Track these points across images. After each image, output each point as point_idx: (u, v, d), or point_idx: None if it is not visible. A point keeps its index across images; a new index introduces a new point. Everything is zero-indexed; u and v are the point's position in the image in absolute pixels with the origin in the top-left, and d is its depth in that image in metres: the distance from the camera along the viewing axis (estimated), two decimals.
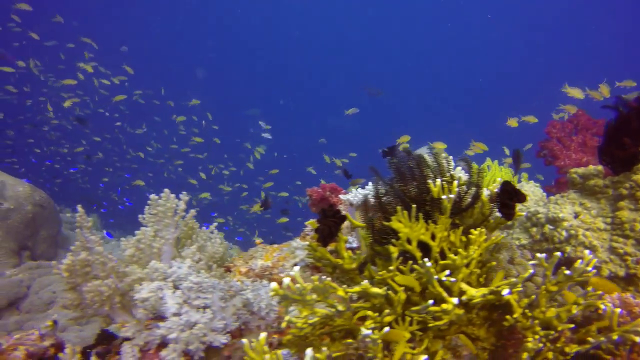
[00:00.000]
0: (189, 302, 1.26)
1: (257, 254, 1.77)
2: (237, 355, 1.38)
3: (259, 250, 1.80)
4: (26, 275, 3.81)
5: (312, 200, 2.33)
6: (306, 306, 1.26)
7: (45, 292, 3.59)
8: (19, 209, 4.16)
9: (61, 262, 1.54)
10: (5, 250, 3.89)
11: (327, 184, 2.28)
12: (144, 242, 1.57)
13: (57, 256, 4.71)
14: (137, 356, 1.23)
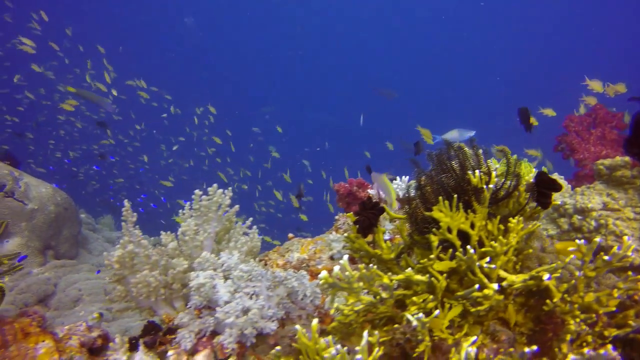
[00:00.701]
0: (239, 290, 1.32)
1: (292, 247, 1.83)
2: (284, 342, 1.44)
3: (295, 244, 1.85)
4: (52, 274, 3.90)
5: (339, 195, 2.38)
6: (352, 294, 1.32)
7: (72, 289, 3.67)
8: (43, 209, 4.25)
9: (111, 254, 1.60)
10: (32, 250, 3.98)
11: (354, 179, 2.33)
12: (189, 234, 1.62)
13: (79, 255, 4.80)
14: (193, 341, 1.28)
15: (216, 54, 24.33)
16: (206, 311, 1.36)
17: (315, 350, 1.20)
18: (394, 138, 6.78)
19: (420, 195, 1.35)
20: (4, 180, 4.01)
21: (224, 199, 1.68)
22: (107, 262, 1.58)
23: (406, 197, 1.38)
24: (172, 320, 1.65)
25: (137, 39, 21.33)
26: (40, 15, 6.15)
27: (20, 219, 4.01)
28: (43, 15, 6.13)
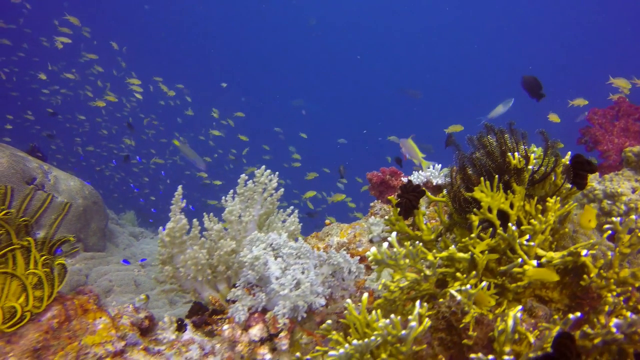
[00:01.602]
0: (289, 267, 1.40)
1: (332, 231, 1.91)
2: (331, 319, 1.51)
3: (334, 228, 1.93)
4: (83, 265, 4.02)
5: (372, 184, 2.46)
6: (398, 270, 1.39)
7: (102, 280, 3.79)
8: (71, 201, 4.37)
9: (163, 228, 1.68)
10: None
11: (387, 168, 2.40)
12: (234, 215, 1.71)
13: (106, 248, 4.92)
14: (246, 315, 1.37)
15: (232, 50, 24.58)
16: (257, 289, 1.44)
17: (366, 323, 1.28)
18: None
19: (461, 177, 1.42)
20: (34, 174, 4.13)
21: (270, 182, 1.75)
22: (160, 236, 1.66)
23: (448, 181, 1.45)
24: (217, 301, 1.74)
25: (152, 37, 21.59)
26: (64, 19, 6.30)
27: (51, 211, 4.13)
28: (74, 20, 6.27)
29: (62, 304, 1.39)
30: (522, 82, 3.13)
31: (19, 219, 1.39)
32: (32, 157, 4.42)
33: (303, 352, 1.38)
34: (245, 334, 1.36)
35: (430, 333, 1.30)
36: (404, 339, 1.14)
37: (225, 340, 1.39)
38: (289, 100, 21.75)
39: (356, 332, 1.30)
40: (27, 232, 1.41)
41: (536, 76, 3.10)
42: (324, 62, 25.22)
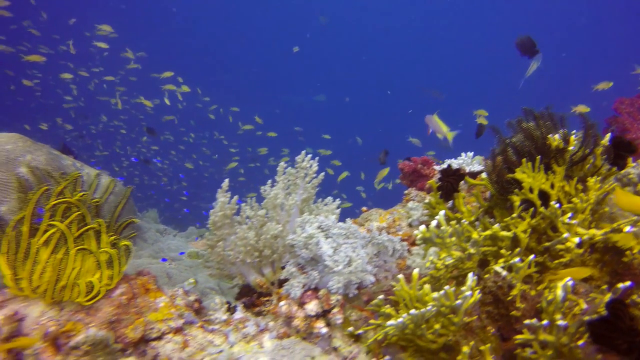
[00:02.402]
0: (340, 246, 1.47)
1: (371, 217, 1.98)
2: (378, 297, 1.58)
3: (373, 214, 2.00)
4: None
5: (404, 173, 2.52)
6: (444, 249, 1.45)
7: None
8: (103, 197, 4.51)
9: (211, 206, 1.77)
10: None
11: (418, 157, 2.46)
12: (279, 198, 1.78)
13: (136, 243, 5.06)
14: (301, 291, 1.44)
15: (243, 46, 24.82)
16: (308, 268, 1.52)
17: (417, 297, 1.35)
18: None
19: (503, 159, 1.48)
20: (69, 171, 4.28)
21: (311, 167, 1.82)
22: (211, 220, 1.74)
23: (490, 163, 1.51)
24: (265, 284, 1.82)
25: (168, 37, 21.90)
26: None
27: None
28: (108, 29, 6.41)
29: (127, 282, 1.48)
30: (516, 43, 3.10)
31: (91, 201, 1.49)
32: (64, 155, 4.57)
33: (355, 328, 1.46)
34: (301, 309, 1.44)
35: (478, 306, 1.36)
36: (457, 308, 1.20)
37: (282, 316, 1.47)
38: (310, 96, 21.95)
39: (405, 308, 1.37)
40: (96, 215, 1.50)
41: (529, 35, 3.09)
42: (341, 60, 25.30)
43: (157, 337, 1.46)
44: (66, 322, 1.26)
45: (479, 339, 1.31)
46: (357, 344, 1.46)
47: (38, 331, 1.21)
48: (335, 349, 1.44)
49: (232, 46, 24.59)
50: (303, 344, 1.43)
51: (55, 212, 1.35)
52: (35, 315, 1.25)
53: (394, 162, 2.86)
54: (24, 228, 1.31)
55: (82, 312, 1.33)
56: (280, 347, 1.42)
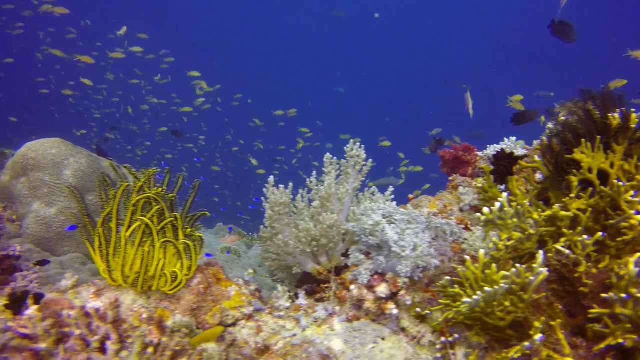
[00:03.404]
0: (404, 232, 1.53)
1: (422, 203, 2.02)
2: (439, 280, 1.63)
3: (423, 200, 2.04)
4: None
5: (445, 161, 2.55)
6: (505, 230, 1.49)
7: None
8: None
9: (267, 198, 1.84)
10: None
11: (459, 145, 2.49)
12: (333, 189, 1.84)
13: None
14: (369, 276, 1.50)
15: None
16: (374, 253, 1.58)
17: (483, 277, 1.39)
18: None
19: (561, 140, 1.51)
20: (107, 172, 4.41)
21: (360, 153, 1.87)
22: (268, 213, 1.81)
23: (545, 144, 1.54)
24: (324, 272, 1.89)
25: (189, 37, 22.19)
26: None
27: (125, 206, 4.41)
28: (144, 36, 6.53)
29: (201, 272, 1.56)
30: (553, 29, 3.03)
31: (168, 195, 1.56)
32: (100, 157, 4.71)
33: (421, 309, 1.51)
34: (370, 292, 1.50)
35: (545, 284, 1.41)
36: (528, 285, 1.25)
37: (351, 300, 1.53)
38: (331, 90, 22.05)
39: (470, 288, 1.42)
40: (171, 208, 1.58)
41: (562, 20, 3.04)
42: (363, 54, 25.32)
43: (232, 323, 1.54)
44: (155, 309, 1.34)
45: (547, 315, 1.35)
46: (423, 324, 1.51)
47: (133, 317, 1.29)
48: (404, 330, 1.50)
49: (247, 40, 24.77)
50: (373, 325, 1.49)
51: (137, 208, 1.43)
52: (128, 303, 1.33)
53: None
54: (112, 224, 1.39)
55: (166, 300, 1.41)
56: (351, 329, 1.48)
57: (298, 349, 1.43)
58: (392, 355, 1.40)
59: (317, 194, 2.04)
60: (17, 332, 1.12)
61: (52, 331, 1.14)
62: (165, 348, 1.18)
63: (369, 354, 1.41)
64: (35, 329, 1.14)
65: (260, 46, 25.31)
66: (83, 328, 1.17)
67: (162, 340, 1.21)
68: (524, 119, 2.67)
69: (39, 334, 1.13)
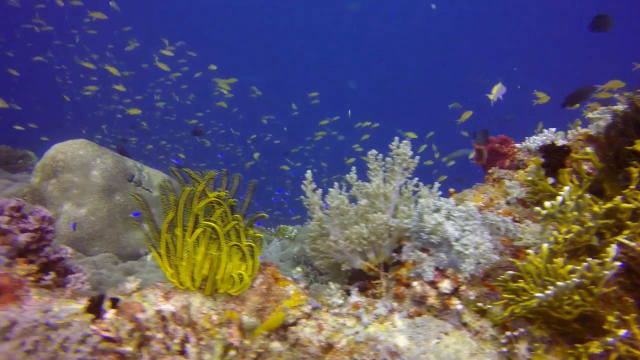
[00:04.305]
0: (463, 229, 1.53)
1: (466, 197, 2.02)
2: (495, 274, 1.64)
3: (467, 194, 2.04)
4: None
5: (480, 153, 2.54)
6: (564, 223, 1.50)
7: None
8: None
9: (326, 205, 1.85)
10: None
11: (494, 137, 2.48)
12: (381, 187, 1.85)
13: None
14: (433, 273, 1.51)
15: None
16: (433, 249, 1.58)
17: (546, 271, 1.40)
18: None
19: (620, 132, 1.50)
20: (132, 171, 4.44)
21: (406, 151, 1.87)
22: (318, 216, 1.82)
23: (601, 136, 1.53)
24: (374, 268, 1.90)
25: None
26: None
27: (151, 205, 4.44)
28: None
29: (262, 272, 1.58)
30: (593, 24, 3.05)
31: (229, 200, 1.58)
32: (124, 157, 4.74)
33: (482, 304, 1.52)
34: (432, 289, 1.51)
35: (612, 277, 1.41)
36: (600, 279, 1.25)
37: (413, 296, 1.54)
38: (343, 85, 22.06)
39: (532, 282, 1.43)
40: (232, 210, 1.60)
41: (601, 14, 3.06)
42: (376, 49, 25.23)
43: (293, 322, 1.56)
44: (224, 311, 1.36)
45: (617, 308, 1.35)
46: (484, 319, 1.52)
47: (204, 319, 1.31)
48: (465, 324, 1.51)
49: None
50: (436, 321, 1.50)
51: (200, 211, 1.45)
52: (197, 305, 1.35)
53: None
54: (178, 230, 1.41)
55: (232, 301, 1.43)
56: (414, 325, 1.49)
57: (364, 346, 1.45)
58: (457, 350, 1.42)
59: (358, 190, 2.05)
60: (102, 335, 1.14)
61: (135, 334, 1.16)
62: (248, 350, 1.20)
63: (434, 349, 1.42)
64: (119, 332, 1.16)
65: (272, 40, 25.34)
66: (161, 331, 1.19)
67: (244, 343, 1.22)
68: (581, 97, 2.60)
69: (123, 337, 1.15)
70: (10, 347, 1.04)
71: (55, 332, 1.09)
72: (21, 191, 4.07)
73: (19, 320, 1.09)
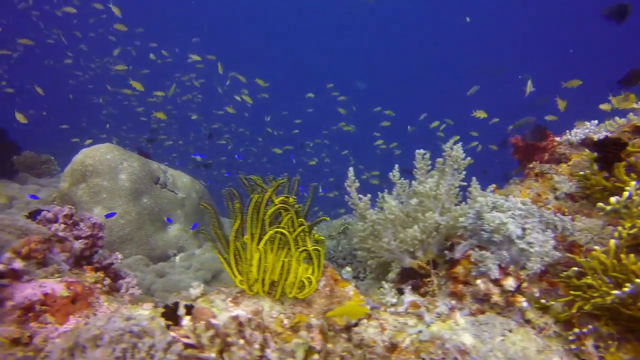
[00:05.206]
0: (524, 227, 1.53)
1: (512, 193, 2.02)
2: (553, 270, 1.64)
3: (513, 190, 2.04)
4: (212, 254, 4.34)
5: (517, 148, 2.54)
6: (628, 218, 1.49)
7: None
8: (189, 197, 4.70)
9: (371, 207, 1.85)
10: (190, 234, 4.43)
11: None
12: (433, 188, 1.85)
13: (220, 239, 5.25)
14: (497, 270, 1.51)
15: None
16: (493, 247, 1.59)
17: (613, 267, 1.40)
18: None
19: None
20: (157, 174, 4.46)
21: (459, 153, 1.87)
22: (374, 218, 1.83)
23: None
24: (425, 267, 1.90)
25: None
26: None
27: (176, 207, 4.47)
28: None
29: (323, 274, 1.58)
30: (607, 13, 3.03)
31: (296, 206, 1.58)
32: (148, 160, 4.76)
33: (546, 300, 1.52)
34: (495, 286, 1.51)
35: None
36: None
37: (478, 294, 1.55)
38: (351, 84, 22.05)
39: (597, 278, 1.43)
40: (297, 215, 1.60)
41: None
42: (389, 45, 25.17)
43: (355, 323, 1.57)
44: (293, 315, 1.37)
45: None
46: (547, 315, 1.53)
47: (275, 323, 1.32)
48: (529, 321, 1.51)
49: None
50: (499, 318, 1.51)
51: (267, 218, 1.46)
52: (267, 310, 1.36)
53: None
54: (247, 237, 1.42)
55: (298, 305, 1.44)
56: (477, 323, 1.50)
57: (430, 345, 1.45)
58: (524, 348, 1.42)
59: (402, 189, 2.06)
60: (185, 342, 1.15)
61: (217, 340, 1.18)
62: (332, 354, 1.21)
63: (501, 347, 1.43)
64: (201, 339, 1.17)
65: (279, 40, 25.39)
66: (241, 337, 1.20)
67: (326, 346, 1.24)
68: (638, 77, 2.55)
69: (204, 343, 1.17)
70: (101, 354, 1.06)
71: (141, 340, 1.11)
72: (50, 196, 4.10)
73: (108, 328, 1.11)
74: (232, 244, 1.43)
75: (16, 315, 1.19)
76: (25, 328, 1.17)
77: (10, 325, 1.15)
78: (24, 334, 1.15)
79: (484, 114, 4.94)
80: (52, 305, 1.27)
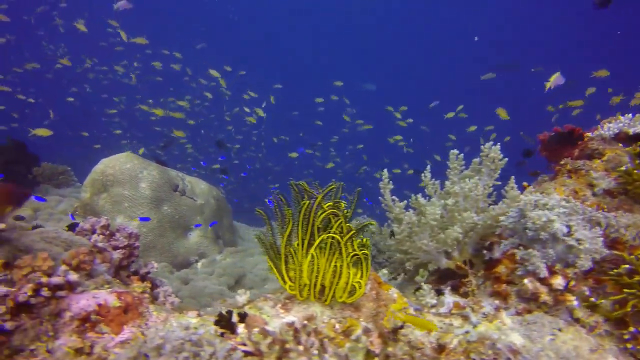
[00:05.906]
0: (569, 224, 1.52)
1: (547, 190, 2.01)
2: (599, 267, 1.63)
3: (547, 187, 2.03)
4: (233, 259, 4.35)
5: (544, 144, 2.53)
6: None
7: (257, 270, 4.08)
8: (207, 203, 4.71)
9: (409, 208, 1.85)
10: (210, 240, 4.45)
11: (560, 127, 2.46)
12: (471, 188, 1.84)
13: (236, 242, 5.27)
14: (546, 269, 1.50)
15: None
16: (538, 246, 1.58)
17: None
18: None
19: None
20: (175, 181, 4.48)
21: (497, 155, 1.87)
22: (418, 221, 1.82)
23: None
24: (463, 267, 1.90)
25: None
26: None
27: (195, 213, 4.49)
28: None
29: (368, 278, 1.58)
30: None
31: (346, 212, 1.58)
32: (167, 168, 4.78)
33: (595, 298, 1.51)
34: (543, 285, 1.50)
35: None
36: None
37: (526, 293, 1.54)
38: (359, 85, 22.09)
39: None
40: (346, 220, 1.60)
41: None
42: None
43: (401, 325, 1.56)
44: (344, 319, 1.37)
45: None
46: (596, 314, 1.51)
47: (327, 328, 1.32)
48: (578, 320, 1.50)
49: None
50: (547, 317, 1.50)
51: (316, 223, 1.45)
52: (318, 315, 1.36)
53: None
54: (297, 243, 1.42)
55: (347, 309, 1.44)
56: (525, 323, 1.49)
57: (479, 345, 1.44)
58: (576, 347, 1.41)
59: (433, 189, 2.06)
60: (243, 350, 1.16)
61: (275, 347, 1.18)
62: (392, 357, 1.20)
63: (552, 347, 1.42)
64: (259, 346, 1.17)
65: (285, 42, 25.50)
66: (297, 343, 1.20)
67: (387, 350, 1.23)
68: None
69: (264, 350, 1.17)
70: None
71: (202, 349, 1.11)
72: (72, 206, 4.13)
73: (169, 337, 1.11)
74: (283, 249, 1.43)
75: (75, 325, 1.19)
76: (84, 338, 1.18)
77: (72, 335, 1.15)
78: (85, 343, 1.15)
79: (505, 115, 4.91)
80: (106, 315, 1.28)
